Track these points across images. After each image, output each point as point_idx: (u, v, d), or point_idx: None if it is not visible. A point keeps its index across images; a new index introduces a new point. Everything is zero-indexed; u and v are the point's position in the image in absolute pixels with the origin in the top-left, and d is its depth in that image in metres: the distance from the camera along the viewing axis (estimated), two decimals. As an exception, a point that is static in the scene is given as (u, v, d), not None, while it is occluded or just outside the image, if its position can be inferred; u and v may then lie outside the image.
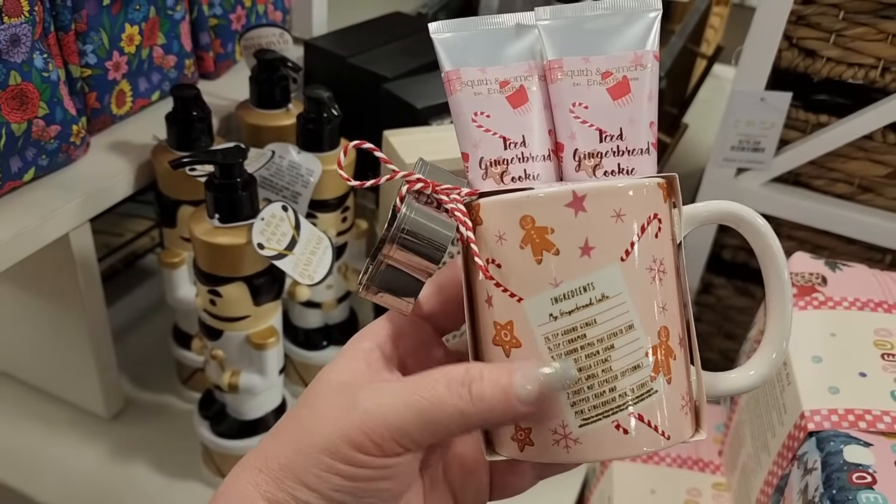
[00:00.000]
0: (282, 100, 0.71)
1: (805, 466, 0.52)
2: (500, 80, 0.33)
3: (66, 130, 0.61)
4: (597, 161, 0.32)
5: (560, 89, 0.33)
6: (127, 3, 0.66)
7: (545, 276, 0.30)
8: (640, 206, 0.31)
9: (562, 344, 0.30)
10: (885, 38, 0.77)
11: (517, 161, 0.33)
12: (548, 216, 0.30)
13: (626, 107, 0.32)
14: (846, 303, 0.61)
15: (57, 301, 0.70)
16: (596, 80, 0.33)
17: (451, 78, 0.33)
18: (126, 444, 0.74)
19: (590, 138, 0.32)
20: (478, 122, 0.33)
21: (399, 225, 0.31)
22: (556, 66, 0.33)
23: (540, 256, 0.30)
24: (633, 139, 0.32)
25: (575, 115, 0.32)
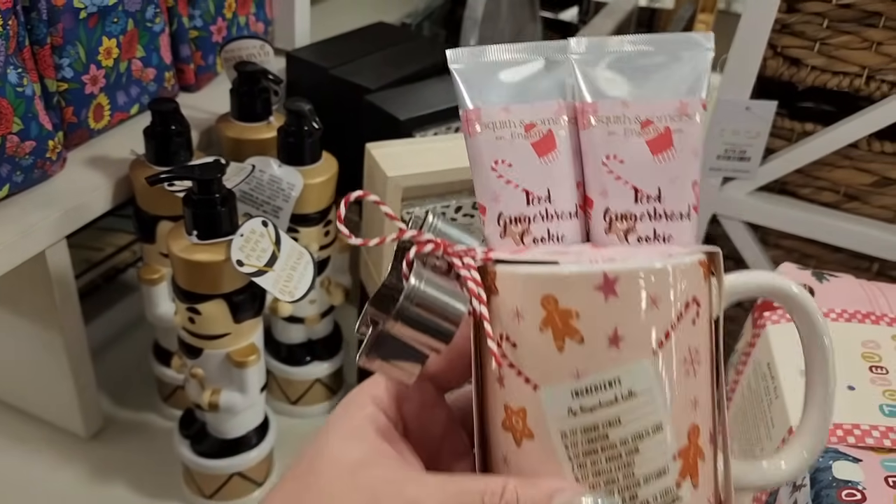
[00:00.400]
0: (263, 112, 0.70)
1: (794, 483, 0.51)
2: (526, 123, 0.29)
3: (42, 146, 0.60)
4: (630, 224, 0.29)
5: (593, 137, 0.29)
6: (104, 16, 0.65)
7: (566, 365, 0.26)
8: (679, 290, 0.27)
9: (581, 443, 0.27)
10: (869, 46, 0.76)
11: (540, 219, 0.29)
12: (574, 298, 0.26)
13: (666, 163, 0.29)
14: (833, 314, 0.61)
15: (33, 319, 0.69)
16: (634, 129, 0.29)
17: (470, 118, 0.29)
18: (105, 463, 0.73)
19: (624, 197, 0.29)
20: (498, 172, 0.29)
21: (407, 297, 0.27)
22: (591, 110, 0.29)
23: (562, 343, 0.26)
24: (673, 201, 0.29)
25: (608, 169, 0.29)
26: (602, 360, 0.26)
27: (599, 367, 0.26)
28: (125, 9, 0.67)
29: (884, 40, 0.76)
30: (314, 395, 0.78)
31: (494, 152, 0.29)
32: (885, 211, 0.84)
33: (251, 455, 0.66)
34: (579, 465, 0.27)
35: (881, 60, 0.77)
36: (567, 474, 0.27)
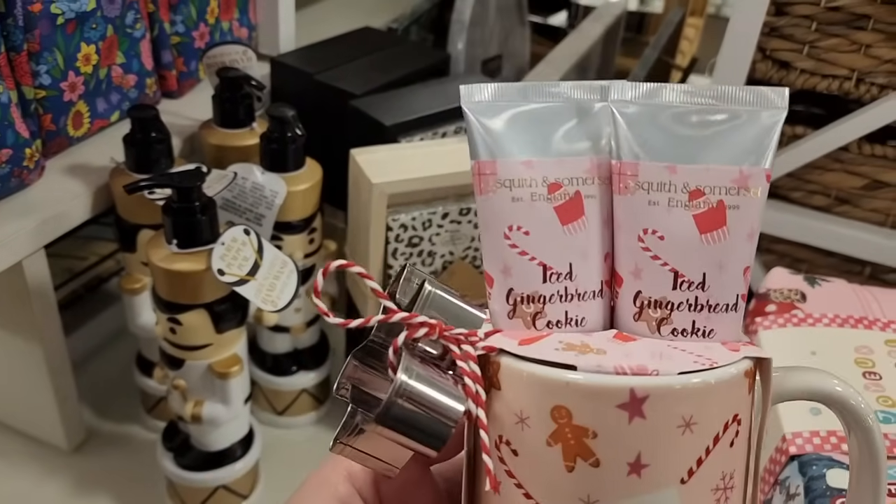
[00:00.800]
0: (245, 119, 0.69)
1: (787, 492, 0.50)
2: (550, 182, 0.25)
3: (19, 154, 0.59)
4: (665, 314, 0.25)
5: (630, 206, 0.25)
6: (83, 22, 0.64)
7: (576, 489, 0.23)
8: (720, 409, 0.23)
9: None
10: (857, 49, 0.76)
11: (558, 299, 0.25)
12: (591, 416, 0.22)
13: (716, 244, 0.24)
14: (826, 319, 0.60)
15: (12, 330, 0.67)
16: (681, 200, 0.24)
17: (483, 172, 0.25)
18: (88, 476, 0.71)
19: (661, 281, 0.24)
20: (512, 241, 0.25)
21: (391, 398, 0.23)
22: (630, 173, 0.24)
23: (573, 463, 0.23)
24: (719, 291, 0.24)
25: (645, 245, 0.24)
26: (619, 488, 0.23)
27: (615, 496, 0.23)
28: (104, 14, 0.65)
29: (873, 43, 0.75)
30: (301, 405, 0.76)
31: (510, 216, 0.25)
32: (876, 214, 0.83)
33: (236, 467, 0.65)
34: None
35: (870, 63, 0.76)
36: None
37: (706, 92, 0.25)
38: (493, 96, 0.25)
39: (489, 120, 0.25)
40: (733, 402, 0.23)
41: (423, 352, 0.25)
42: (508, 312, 0.25)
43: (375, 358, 0.26)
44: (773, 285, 0.63)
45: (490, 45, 1.09)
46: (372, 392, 0.26)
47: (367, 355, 0.26)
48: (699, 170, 0.24)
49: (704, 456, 0.23)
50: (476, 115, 0.25)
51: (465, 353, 0.24)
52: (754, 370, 0.24)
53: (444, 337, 0.25)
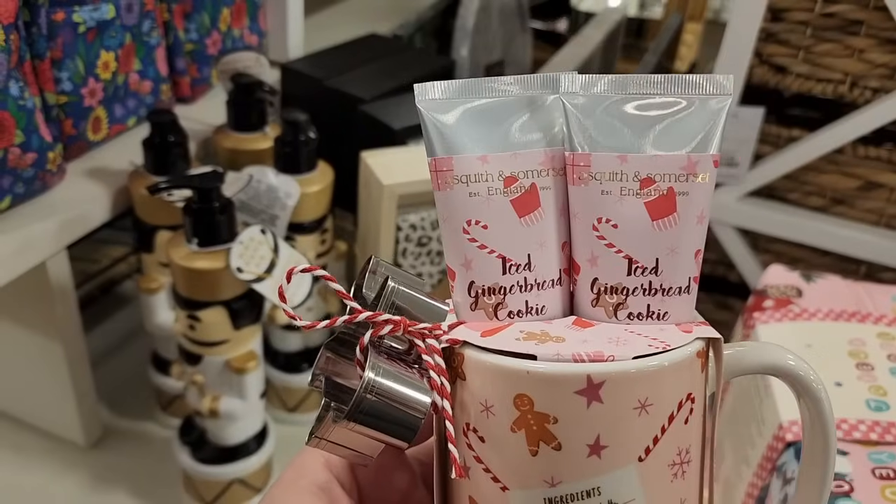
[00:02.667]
0: (259, 123, 0.71)
1: (784, 477, 0.52)
2: (506, 176, 0.25)
3: (43, 158, 0.61)
4: (621, 299, 0.25)
5: (584, 196, 0.25)
6: (103, 31, 0.66)
7: (540, 471, 0.24)
8: (674, 389, 0.24)
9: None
10: (851, 53, 0.78)
11: (518, 290, 0.26)
12: (551, 402, 0.23)
13: (667, 230, 0.25)
14: (821, 314, 0.62)
15: (34, 329, 0.70)
16: (633, 188, 0.25)
17: (440, 169, 0.25)
18: (105, 472, 0.73)
19: (615, 268, 0.25)
20: (471, 235, 0.25)
21: (360, 396, 0.24)
22: (583, 164, 0.25)
23: (536, 447, 0.23)
24: (672, 275, 0.25)
25: (600, 234, 0.25)
26: (581, 468, 0.23)
27: (577, 476, 0.23)
28: (122, 23, 0.68)
29: (866, 48, 0.77)
30: (311, 402, 0.78)
31: (467, 211, 0.25)
32: (870, 214, 0.85)
33: (251, 461, 0.67)
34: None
35: (864, 67, 0.78)
36: None
37: (652, 81, 0.25)
38: (447, 93, 0.26)
39: (444, 116, 0.25)
40: (687, 382, 0.24)
41: (390, 347, 0.26)
42: (471, 304, 0.26)
43: (348, 348, 0.26)
44: (771, 282, 0.65)
45: (493, 51, 1.11)
46: (345, 383, 0.27)
47: (340, 346, 0.27)
48: (649, 158, 0.25)
49: (660, 434, 0.24)
50: (430, 112, 0.25)
51: (429, 346, 0.25)
52: (707, 350, 0.25)
53: (408, 332, 0.25)
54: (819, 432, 0.27)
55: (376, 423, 0.24)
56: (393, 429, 0.25)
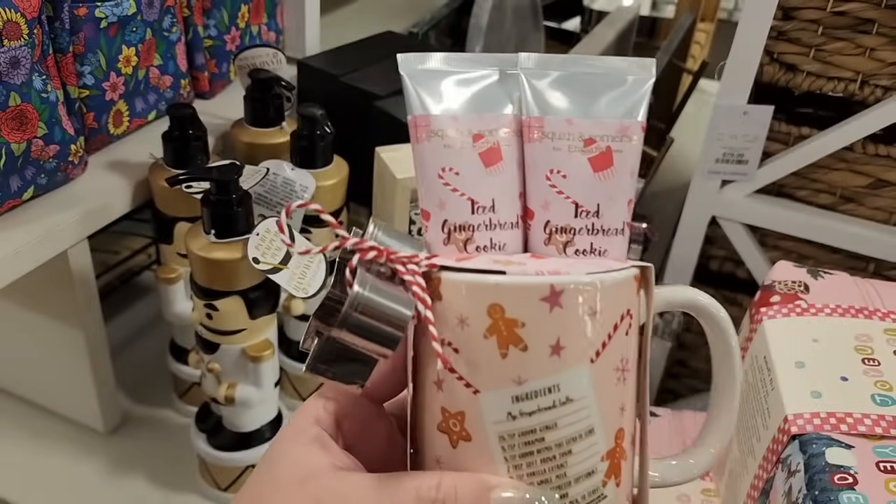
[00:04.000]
0: (276, 118, 0.73)
1: (789, 469, 0.53)
2: (474, 133, 0.29)
3: (65, 150, 0.62)
4: (569, 237, 0.30)
5: (538, 151, 0.30)
6: (124, 26, 0.67)
7: (509, 371, 0.27)
8: (617, 303, 0.28)
9: (517, 445, 0.28)
10: (862, 52, 0.79)
11: (484, 228, 0.30)
12: (520, 309, 0.27)
13: (606, 181, 0.30)
14: (828, 309, 0.63)
15: (55, 317, 0.71)
16: (578, 146, 0.30)
17: (418, 124, 0.29)
18: (124, 458, 0.75)
19: (564, 211, 0.30)
20: (445, 180, 0.29)
21: (351, 304, 0.27)
22: (537, 125, 0.30)
23: (505, 350, 0.27)
24: (610, 218, 0.30)
25: (551, 182, 0.30)
26: (543, 367, 0.27)
27: (541, 374, 0.27)
28: (144, 18, 0.69)
29: (877, 46, 0.78)
30: (325, 392, 0.80)
31: (442, 160, 0.29)
32: (880, 212, 0.86)
33: (265, 448, 0.68)
34: (515, 466, 0.28)
35: (875, 66, 0.79)
36: (502, 474, 0.28)
37: (593, 62, 0.31)
38: (426, 64, 0.30)
39: (423, 83, 0.30)
40: (626, 299, 0.29)
41: (377, 273, 0.29)
42: (444, 240, 0.29)
43: (333, 316, 0.29)
44: (778, 277, 0.66)
45: (506, 49, 1.12)
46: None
47: (326, 312, 0.30)
48: (590, 122, 0.30)
49: (607, 340, 0.28)
50: (412, 78, 0.30)
51: (410, 270, 0.28)
52: (640, 276, 0.30)
53: (391, 260, 0.28)
54: (725, 357, 0.32)
55: (364, 332, 0.27)
56: (379, 338, 0.27)
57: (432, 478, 0.28)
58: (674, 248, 0.96)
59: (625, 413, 0.29)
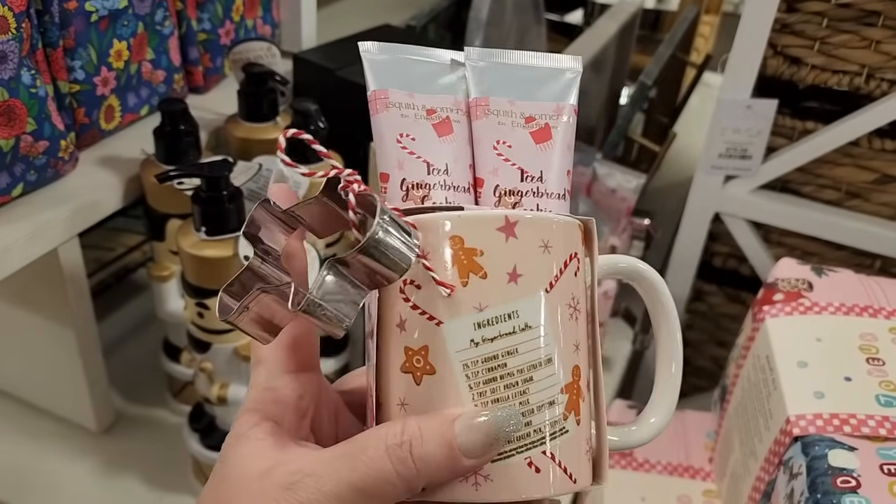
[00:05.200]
0: (270, 113, 0.71)
1: (791, 471, 0.52)
2: (428, 108, 0.32)
3: (55, 146, 0.61)
4: (517, 199, 0.32)
5: (485, 126, 0.33)
6: (115, 19, 0.66)
7: (470, 299, 0.29)
8: (565, 242, 0.30)
9: (481, 372, 0.29)
10: (868, 45, 0.77)
11: (440, 188, 0.32)
12: (478, 238, 0.29)
13: (547, 152, 0.32)
14: (832, 308, 0.61)
15: (46, 315, 0.70)
16: (520, 122, 0.33)
17: (377, 97, 0.32)
18: (117, 457, 0.74)
19: (512, 176, 0.32)
20: (402, 144, 0.31)
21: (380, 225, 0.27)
22: (483, 104, 0.33)
23: (466, 279, 0.29)
24: (553, 183, 0.32)
25: (498, 152, 0.32)
26: (503, 293, 0.29)
27: (500, 300, 0.29)
28: (135, 12, 0.68)
29: (883, 39, 0.76)
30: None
31: (400, 127, 0.32)
32: (886, 208, 0.85)
33: (259, 448, 0.67)
34: (479, 394, 0.29)
35: (880, 59, 0.77)
36: (467, 403, 0.29)
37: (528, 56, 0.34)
38: (387, 51, 0.33)
39: (381, 65, 0.33)
40: (573, 241, 0.31)
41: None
42: (402, 197, 0.31)
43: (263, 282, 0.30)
44: (781, 275, 0.65)
45: (507, 42, 1.11)
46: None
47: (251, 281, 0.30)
48: (530, 104, 0.33)
49: (559, 274, 0.30)
50: (372, 62, 0.33)
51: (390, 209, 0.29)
52: (583, 228, 0.32)
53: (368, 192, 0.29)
54: (663, 317, 0.34)
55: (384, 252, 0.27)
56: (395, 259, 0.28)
57: (395, 425, 0.28)
58: (676, 245, 0.95)
59: (579, 352, 0.31)
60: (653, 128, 1.23)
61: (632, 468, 0.72)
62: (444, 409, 0.29)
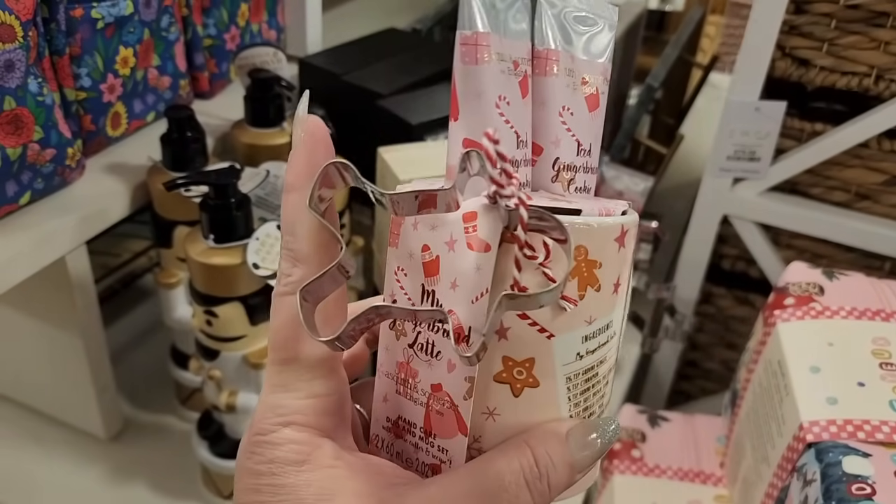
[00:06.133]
0: (276, 118, 0.71)
1: (804, 478, 0.51)
2: (514, 60, 0.27)
3: (62, 153, 0.61)
4: (572, 175, 0.29)
5: (554, 87, 0.28)
6: (121, 26, 0.66)
7: (583, 312, 0.27)
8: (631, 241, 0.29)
9: (580, 384, 0.28)
10: (877, 46, 0.77)
11: (521, 165, 0.28)
12: (599, 249, 0.26)
13: (595, 122, 0.29)
14: (843, 312, 0.61)
15: (54, 323, 0.70)
16: (578, 84, 0.29)
17: (480, 43, 0.26)
18: (125, 465, 0.74)
19: (571, 149, 0.29)
20: (500, 109, 0.26)
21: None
22: (554, 59, 0.28)
23: (584, 292, 0.26)
24: (595, 158, 0.30)
25: (562, 119, 0.28)
26: (608, 304, 0.27)
27: (605, 312, 0.27)
28: (141, 18, 0.68)
29: (892, 40, 0.76)
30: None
31: (499, 86, 0.26)
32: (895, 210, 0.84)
33: (268, 456, 0.67)
34: (575, 405, 0.28)
35: (889, 60, 0.77)
36: (563, 414, 0.28)
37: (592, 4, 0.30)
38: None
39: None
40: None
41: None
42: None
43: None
44: (792, 279, 0.64)
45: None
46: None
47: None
48: (586, 62, 0.29)
49: (628, 270, 0.28)
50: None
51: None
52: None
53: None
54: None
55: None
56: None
57: (523, 455, 0.26)
58: (685, 248, 0.94)
59: None
60: (659, 130, 1.23)
61: (642, 473, 0.72)
62: (541, 421, 0.27)
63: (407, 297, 0.27)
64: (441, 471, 0.28)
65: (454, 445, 0.27)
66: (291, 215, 0.27)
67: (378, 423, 0.29)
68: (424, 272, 0.27)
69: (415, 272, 0.27)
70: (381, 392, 0.29)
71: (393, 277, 0.28)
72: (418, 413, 0.28)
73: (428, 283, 0.27)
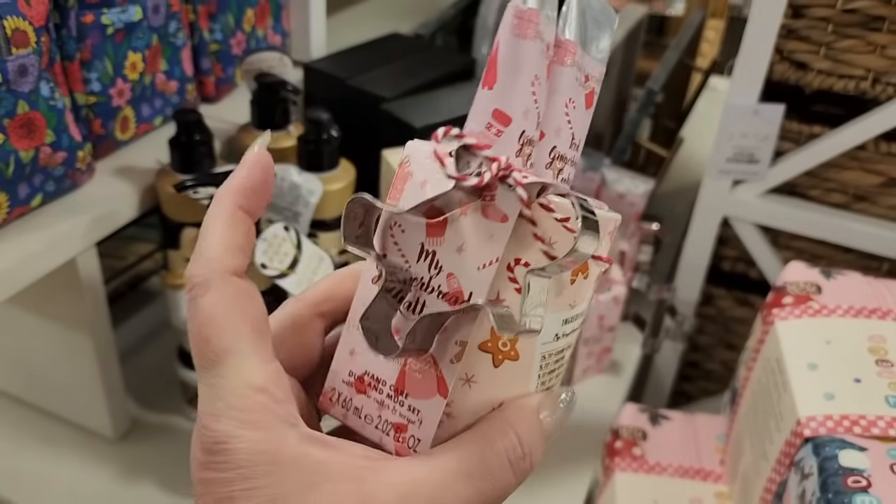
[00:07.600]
0: (282, 122, 0.72)
1: (802, 472, 0.52)
2: (547, 43, 0.27)
3: (72, 157, 0.62)
4: (562, 165, 0.29)
5: (566, 77, 0.28)
6: (130, 32, 0.67)
7: (570, 296, 0.28)
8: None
9: (551, 364, 0.29)
10: (874, 49, 0.78)
11: (536, 149, 0.28)
12: (602, 242, 0.27)
13: (588, 119, 0.30)
14: (841, 310, 0.62)
15: (64, 324, 0.71)
16: (581, 80, 0.29)
17: (531, 19, 0.26)
18: (133, 464, 0.75)
19: (566, 140, 0.29)
20: (534, 90, 0.27)
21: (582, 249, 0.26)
22: (571, 50, 0.28)
23: (576, 277, 0.28)
24: (579, 153, 0.30)
25: (566, 111, 0.28)
26: (588, 291, 0.29)
27: (584, 297, 0.29)
28: (150, 24, 0.69)
29: (888, 44, 0.77)
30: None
31: (537, 66, 0.26)
32: (893, 211, 0.85)
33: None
34: (542, 382, 0.29)
35: (886, 63, 0.78)
36: (531, 389, 0.29)
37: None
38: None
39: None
40: None
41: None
42: (516, 151, 0.27)
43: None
44: (790, 278, 0.65)
45: (514, 49, 1.12)
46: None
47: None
48: (591, 61, 0.29)
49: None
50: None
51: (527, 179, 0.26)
52: None
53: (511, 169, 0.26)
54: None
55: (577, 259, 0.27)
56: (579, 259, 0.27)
57: (507, 437, 0.27)
58: (685, 249, 0.95)
59: None
60: (660, 133, 1.24)
61: (643, 471, 0.73)
62: (513, 396, 0.28)
63: (401, 254, 0.28)
64: (407, 430, 0.28)
65: (429, 407, 0.27)
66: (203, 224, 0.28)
67: (337, 377, 0.30)
68: (427, 232, 0.27)
69: (414, 230, 0.27)
70: (349, 345, 0.29)
71: (388, 232, 0.28)
72: (390, 370, 0.28)
73: (429, 242, 0.27)
